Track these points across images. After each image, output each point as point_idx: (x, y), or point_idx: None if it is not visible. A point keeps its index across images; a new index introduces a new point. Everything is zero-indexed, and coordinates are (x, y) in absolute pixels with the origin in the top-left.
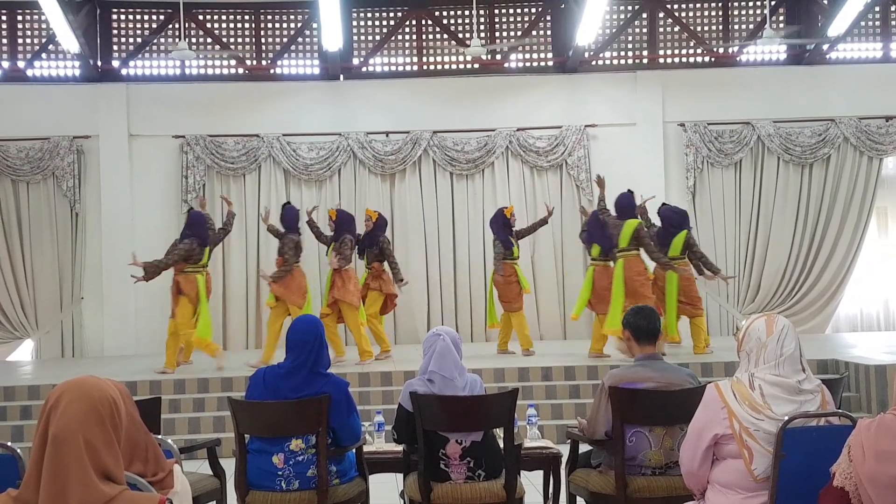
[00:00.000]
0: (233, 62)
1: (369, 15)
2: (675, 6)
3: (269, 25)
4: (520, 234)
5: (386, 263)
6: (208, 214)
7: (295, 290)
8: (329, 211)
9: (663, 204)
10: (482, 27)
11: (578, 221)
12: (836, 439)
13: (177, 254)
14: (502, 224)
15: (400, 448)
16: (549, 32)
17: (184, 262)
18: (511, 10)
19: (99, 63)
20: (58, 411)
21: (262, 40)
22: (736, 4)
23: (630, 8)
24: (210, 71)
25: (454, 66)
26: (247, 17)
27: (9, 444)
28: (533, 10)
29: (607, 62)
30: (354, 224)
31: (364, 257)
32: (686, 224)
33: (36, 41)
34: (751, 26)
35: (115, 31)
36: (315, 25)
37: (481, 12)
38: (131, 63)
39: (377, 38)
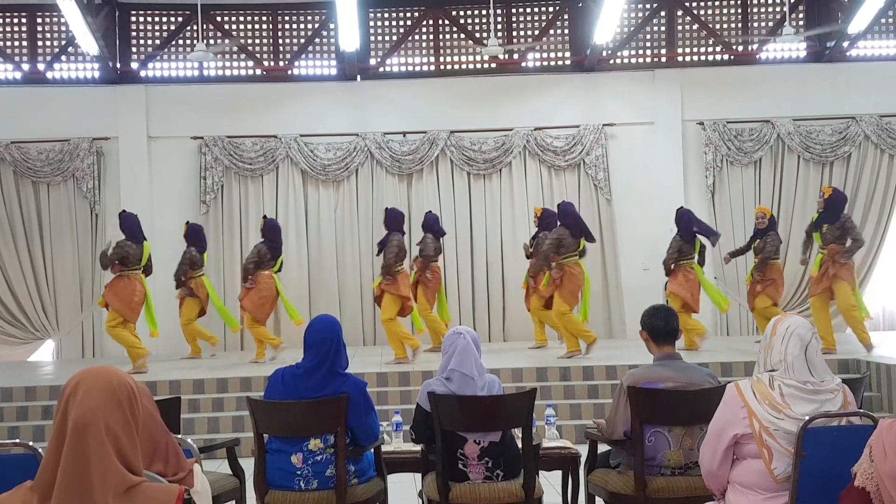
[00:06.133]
0: (251, 63)
1: (386, 15)
2: (694, 4)
3: (287, 27)
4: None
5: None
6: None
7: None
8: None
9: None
10: (499, 27)
11: (597, 221)
12: (858, 439)
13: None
14: None
15: (418, 448)
16: (566, 31)
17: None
18: (528, 10)
19: (118, 65)
20: (77, 398)
21: (280, 41)
22: (755, 2)
23: (648, 6)
24: (228, 72)
25: (471, 66)
26: (264, 19)
27: (30, 443)
28: (550, 9)
29: (625, 61)
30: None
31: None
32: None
33: (55, 43)
34: (770, 24)
35: (133, 34)
36: (332, 26)
37: (498, 12)
38: (150, 65)
39: (394, 38)
